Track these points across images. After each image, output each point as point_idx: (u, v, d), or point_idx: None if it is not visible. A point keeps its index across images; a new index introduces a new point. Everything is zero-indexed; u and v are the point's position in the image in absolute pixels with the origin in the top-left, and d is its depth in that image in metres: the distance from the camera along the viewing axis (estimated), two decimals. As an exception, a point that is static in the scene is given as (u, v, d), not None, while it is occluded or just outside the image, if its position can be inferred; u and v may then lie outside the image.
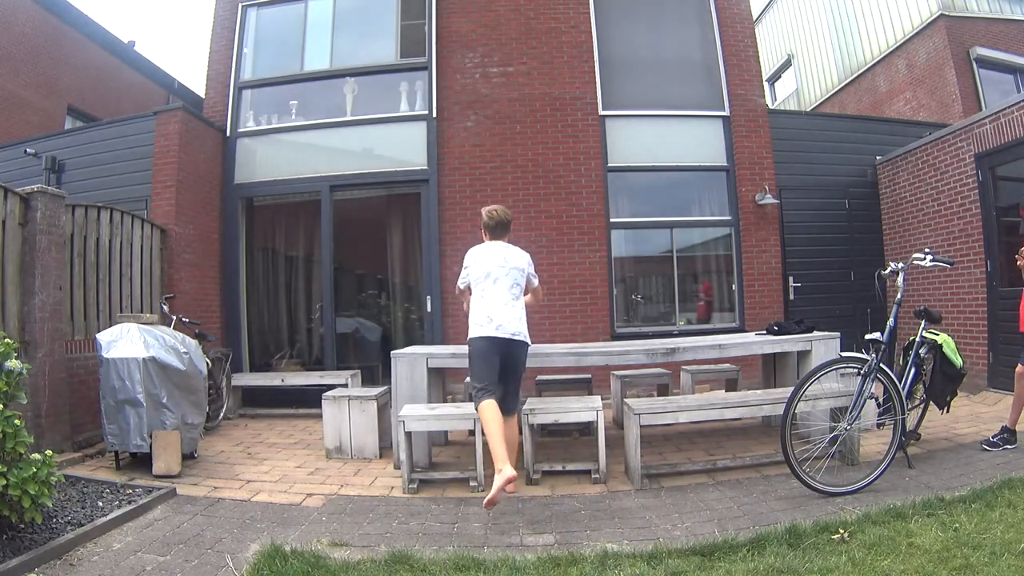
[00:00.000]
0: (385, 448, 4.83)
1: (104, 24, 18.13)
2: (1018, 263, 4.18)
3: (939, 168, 6.91)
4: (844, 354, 4.06)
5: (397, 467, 4.23)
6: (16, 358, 3.05)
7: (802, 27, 14.64)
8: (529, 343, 3.75)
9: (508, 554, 2.82)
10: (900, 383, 3.85)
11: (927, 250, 4.18)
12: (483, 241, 3.98)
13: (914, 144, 7.36)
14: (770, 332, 4.86)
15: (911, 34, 11.10)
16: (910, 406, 4.02)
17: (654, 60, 7.65)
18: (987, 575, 2.37)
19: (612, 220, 7.29)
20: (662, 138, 7.53)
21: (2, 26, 9.43)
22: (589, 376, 5.75)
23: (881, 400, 3.90)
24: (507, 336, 3.63)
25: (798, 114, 11.63)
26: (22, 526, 2.92)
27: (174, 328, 5.27)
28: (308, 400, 6.17)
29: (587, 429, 4.85)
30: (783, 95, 15.92)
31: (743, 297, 7.35)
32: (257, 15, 7.89)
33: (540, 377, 5.87)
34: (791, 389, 3.68)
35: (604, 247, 7.19)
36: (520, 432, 4.03)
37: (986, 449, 4.10)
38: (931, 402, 4.25)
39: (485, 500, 3.15)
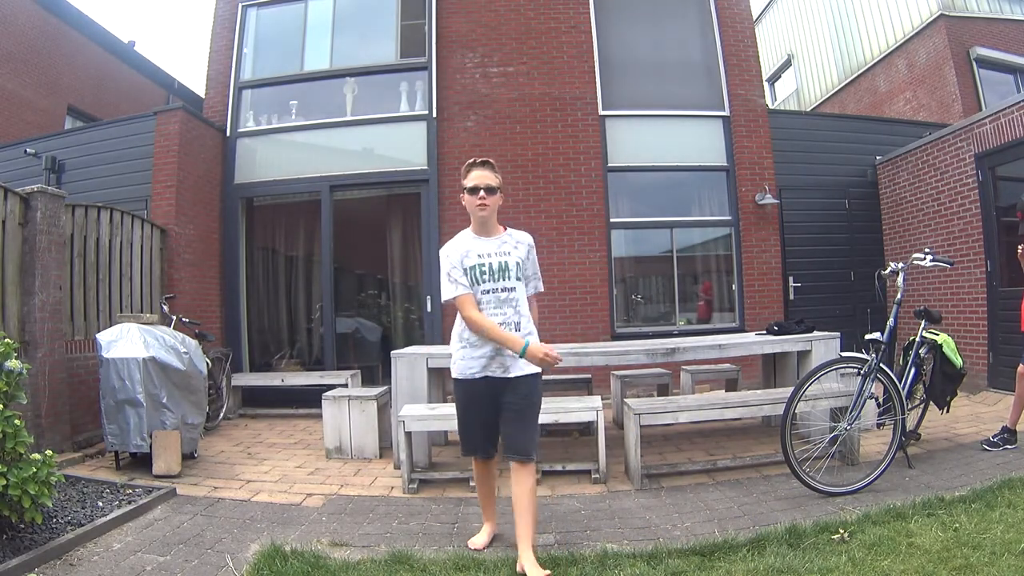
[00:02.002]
0: (385, 448, 4.83)
1: (104, 24, 18.15)
2: (1019, 254, 4.16)
3: (939, 168, 6.91)
4: (844, 354, 4.06)
5: (397, 467, 4.23)
6: (16, 358, 3.05)
7: (802, 27, 14.64)
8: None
9: (508, 554, 2.82)
10: (900, 383, 3.85)
11: (927, 250, 4.18)
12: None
13: (914, 144, 7.36)
14: (770, 332, 4.86)
15: (911, 34, 11.10)
16: (910, 406, 4.02)
17: (654, 60, 7.65)
18: (987, 575, 2.37)
19: (612, 220, 7.29)
20: (662, 138, 7.53)
21: (2, 26, 9.43)
22: (589, 376, 5.74)
23: (881, 400, 3.90)
24: None
25: (798, 114, 11.64)
26: (22, 526, 2.92)
27: (174, 328, 5.27)
28: (308, 400, 6.17)
29: (587, 429, 4.86)
30: (783, 95, 15.92)
31: (743, 297, 7.35)
32: (257, 15, 7.89)
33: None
34: (791, 389, 3.68)
35: (604, 247, 7.19)
36: None
37: (986, 449, 4.10)
38: (931, 402, 4.25)
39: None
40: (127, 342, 4.30)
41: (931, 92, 10.69)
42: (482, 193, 2.79)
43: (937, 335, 4.23)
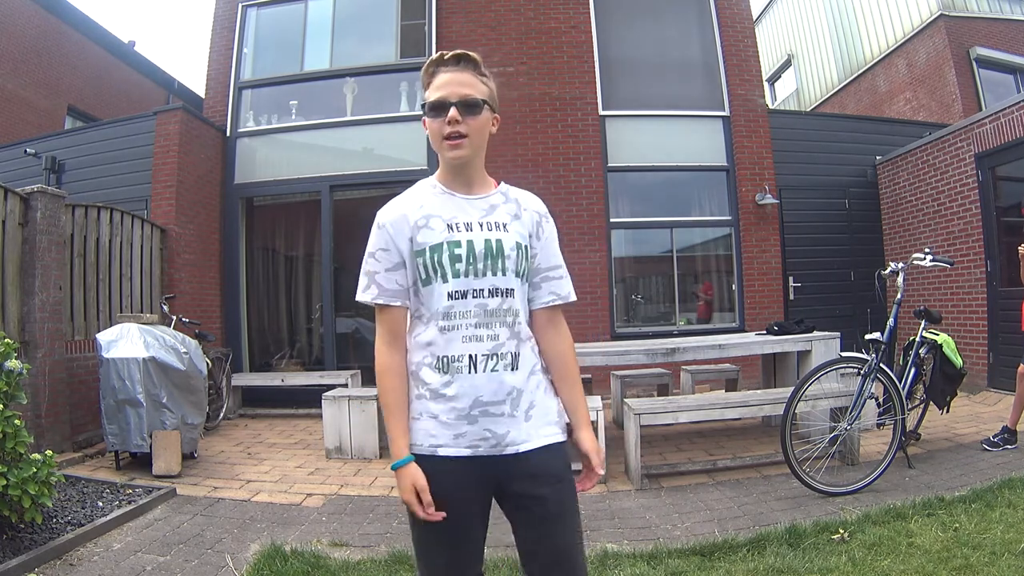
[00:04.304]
0: (385, 448, 4.83)
1: (104, 24, 18.15)
2: (1020, 252, 4.16)
3: (939, 168, 6.91)
4: (844, 354, 4.06)
5: (397, 467, 4.23)
6: (16, 358, 3.05)
7: (802, 27, 14.65)
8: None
9: (508, 554, 2.81)
10: (900, 383, 3.85)
11: (927, 250, 4.18)
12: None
13: (914, 144, 7.36)
14: (770, 332, 4.86)
15: (911, 34, 11.10)
16: (910, 406, 4.02)
17: (654, 60, 7.66)
18: (987, 575, 2.37)
19: (612, 220, 7.29)
20: (662, 138, 7.53)
21: (2, 26, 9.43)
22: (589, 376, 5.74)
23: (881, 400, 3.91)
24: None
25: (798, 114, 11.64)
26: (22, 526, 2.92)
27: (174, 328, 5.27)
28: (308, 400, 6.17)
29: (587, 429, 4.85)
30: (783, 95, 15.92)
31: (743, 297, 7.35)
32: (257, 15, 7.89)
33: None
34: (791, 389, 3.68)
35: (604, 247, 7.19)
36: None
37: (986, 449, 4.10)
38: (931, 402, 4.25)
39: None
40: (127, 342, 4.30)
41: (931, 92, 10.69)
42: (453, 112, 1.43)
43: (937, 335, 4.23)
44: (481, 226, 1.47)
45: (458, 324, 1.43)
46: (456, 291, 1.43)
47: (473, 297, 1.43)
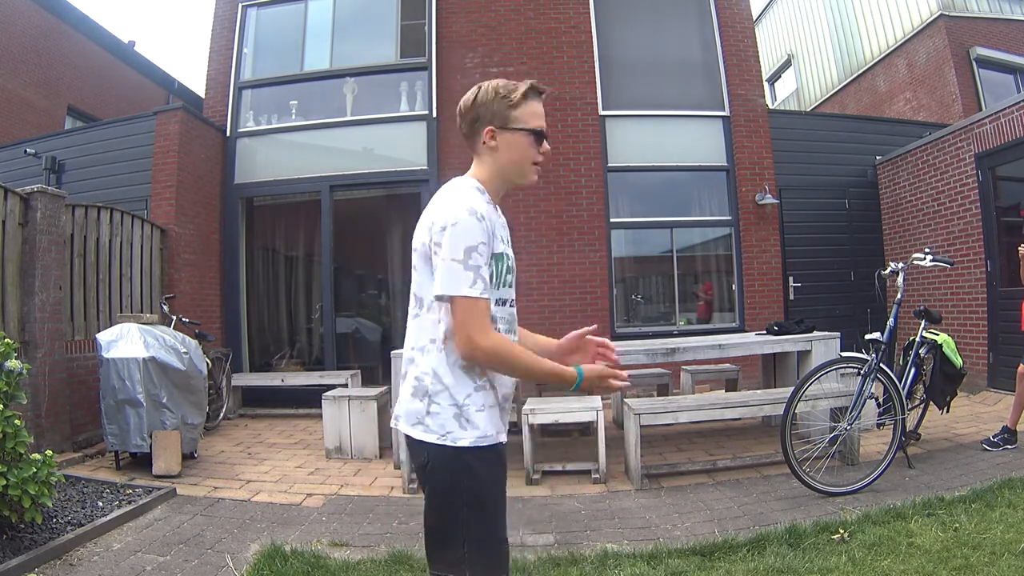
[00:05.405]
0: (385, 448, 4.83)
1: (104, 24, 18.15)
2: (1020, 252, 4.16)
3: (939, 168, 6.91)
4: (844, 354, 4.06)
5: (397, 467, 4.24)
6: (16, 358, 3.05)
7: (802, 27, 14.65)
8: (429, 440, 1.47)
9: (519, 554, 2.82)
10: (900, 383, 3.85)
11: (927, 250, 4.18)
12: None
13: (914, 144, 7.36)
14: (770, 332, 4.86)
15: (911, 34, 11.10)
16: (910, 406, 4.02)
17: (654, 60, 7.66)
18: (987, 575, 2.37)
19: (612, 220, 7.29)
20: (662, 138, 7.53)
21: (2, 26, 9.42)
22: (589, 376, 5.73)
23: (881, 400, 3.91)
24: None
25: (798, 114, 11.63)
26: (22, 526, 2.92)
27: (174, 328, 5.27)
28: (308, 400, 6.17)
29: (587, 429, 4.85)
30: (783, 95, 15.92)
31: (743, 297, 7.35)
32: (257, 15, 7.89)
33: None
34: (791, 389, 3.68)
35: (604, 247, 7.19)
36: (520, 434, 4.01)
37: (986, 449, 4.10)
38: (931, 402, 4.25)
39: None
40: (127, 342, 4.30)
41: (931, 92, 10.69)
42: (547, 146, 1.66)
43: (937, 335, 4.23)
44: (509, 244, 1.64)
45: (500, 328, 1.54)
46: (502, 299, 1.56)
47: (509, 306, 1.61)
